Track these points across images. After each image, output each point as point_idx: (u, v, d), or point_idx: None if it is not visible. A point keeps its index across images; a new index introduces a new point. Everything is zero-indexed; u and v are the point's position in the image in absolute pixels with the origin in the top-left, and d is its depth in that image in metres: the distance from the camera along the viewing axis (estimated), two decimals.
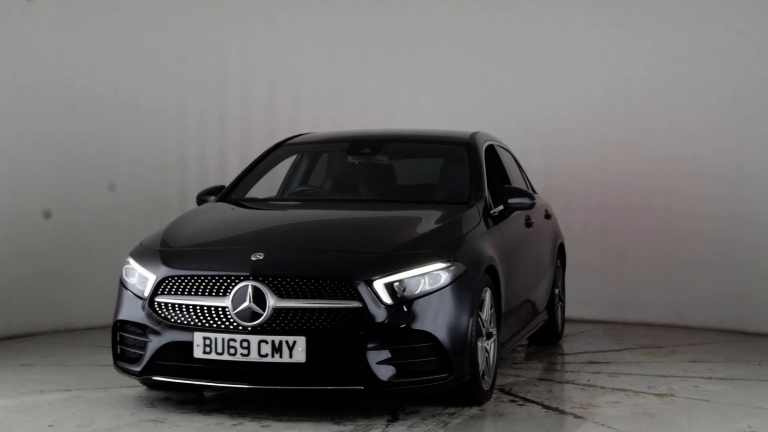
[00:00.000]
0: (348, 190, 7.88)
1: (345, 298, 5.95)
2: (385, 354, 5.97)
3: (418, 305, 6.05)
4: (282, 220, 7.12)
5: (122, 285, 6.50)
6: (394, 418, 6.12)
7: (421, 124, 10.49)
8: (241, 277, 6.03)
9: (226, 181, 8.14)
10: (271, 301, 5.95)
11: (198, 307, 6.09)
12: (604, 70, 10.57)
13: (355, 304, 5.93)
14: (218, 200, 7.58)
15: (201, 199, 7.72)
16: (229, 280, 6.05)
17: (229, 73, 10.61)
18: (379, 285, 5.99)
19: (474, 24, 10.86)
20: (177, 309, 6.14)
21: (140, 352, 6.27)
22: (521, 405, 6.59)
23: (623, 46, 10.49)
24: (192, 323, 6.07)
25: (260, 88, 10.68)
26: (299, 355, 5.91)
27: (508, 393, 6.96)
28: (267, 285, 5.98)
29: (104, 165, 9.82)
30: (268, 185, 8.09)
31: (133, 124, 10.01)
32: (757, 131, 9.87)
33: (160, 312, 6.18)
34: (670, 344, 9.12)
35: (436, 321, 6.07)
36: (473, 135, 7.93)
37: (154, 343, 6.19)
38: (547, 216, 8.94)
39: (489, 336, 6.64)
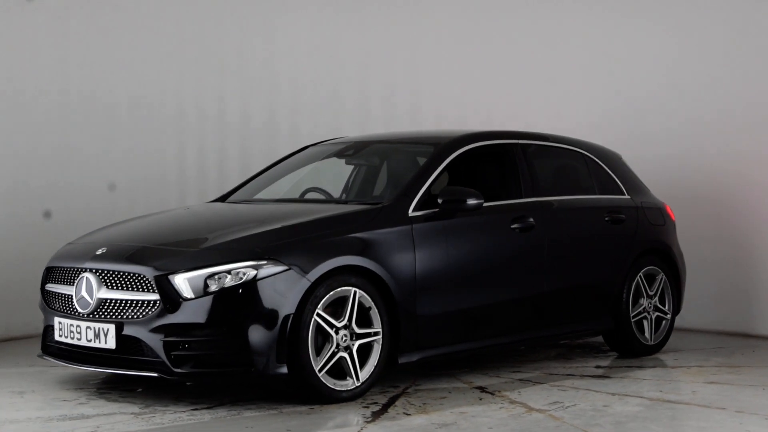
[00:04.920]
0: (318, 192, 8.12)
1: (148, 290, 6.43)
2: (182, 345, 6.36)
3: (219, 300, 6.34)
4: (175, 218, 7.58)
5: None
6: (210, 407, 6.47)
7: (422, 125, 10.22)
8: (83, 269, 6.75)
9: (225, 183, 8.71)
10: (96, 292, 6.61)
11: (58, 295, 6.94)
12: (613, 68, 10.32)
13: (155, 296, 6.40)
14: (216, 200, 8.25)
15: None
16: (76, 271, 6.80)
17: (229, 75, 10.70)
18: (179, 279, 6.38)
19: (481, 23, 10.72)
20: (51, 296, 7.03)
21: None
22: (365, 407, 6.53)
23: (635, 46, 10.17)
24: (55, 308, 6.92)
25: (260, 91, 10.75)
26: (111, 341, 6.52)
27: (394, 396, 6.88)
28: (97, 276, 6.64)
29: (104, 165, 10.04)
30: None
31: (133, 125, 10.24)
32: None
33: (45, 298, 7.09)
34: (753, 365, 8.12)
35: (237, 316, 6.33)
36: (456, 136, 7.80)
37: (43, 325, 7.11)
38: (617, 220, 8.34)
39: (359, 336, 6.67)
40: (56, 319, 6.85)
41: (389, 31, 10.88)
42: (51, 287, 7.03)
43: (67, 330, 6.75)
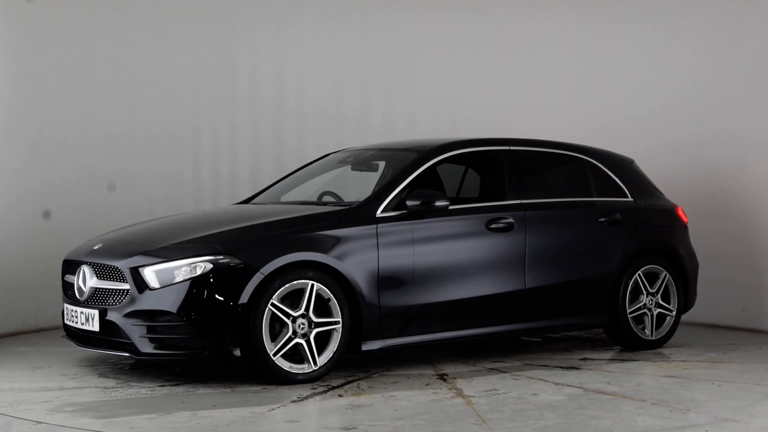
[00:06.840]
0: (330, 195, 8.79)
1: (124, 281, 7.36)
2: (147, 329, 7.25)
3: (179, 290, 7.18)
4: (181, 219, 8.32)
5: None
6: (176, 384, 7.32)
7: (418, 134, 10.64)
8: (81, 262, 7.75)
9: (237, 191, 9.57)
10: (89, 281, 7.58)
11: (68, 284, 7.94)
12: (611, 75, 10.76)
13: (126, 286, 7.32)
14: (241, 202, 9.09)
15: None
16: (78, 264, 7.80)
17: (241, 91, 11.13)
18: (148, 272, 7.26)
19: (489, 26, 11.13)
20: (66, 285, 8.04)
21: None
22: (312, 388, 7.18)
23: (645, 56, 10.51)
24: (67, 296, 7.95)
25: (269, 106, 11.18)
26: (96, 324, 7.48)
27: (354, 380, 7.50)
28: (92, 269, 7.62)
29: (105, 165, 10.39)
30: None
31: (135, 125, 10.60)
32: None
33: (63, 287, 8.13)
34: (739, 361, 8.30)
35: (195, 304, 7.14)
36: (436, 144, 8.36)
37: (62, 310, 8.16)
38: (613, 221, 8.70)
39: (318, 325, 7.37)
40: (65, 305, 7.87)
41: (387, 49, 11.39)
42: (67, 278, 8.04)
43: (70, 314, 7.74)
